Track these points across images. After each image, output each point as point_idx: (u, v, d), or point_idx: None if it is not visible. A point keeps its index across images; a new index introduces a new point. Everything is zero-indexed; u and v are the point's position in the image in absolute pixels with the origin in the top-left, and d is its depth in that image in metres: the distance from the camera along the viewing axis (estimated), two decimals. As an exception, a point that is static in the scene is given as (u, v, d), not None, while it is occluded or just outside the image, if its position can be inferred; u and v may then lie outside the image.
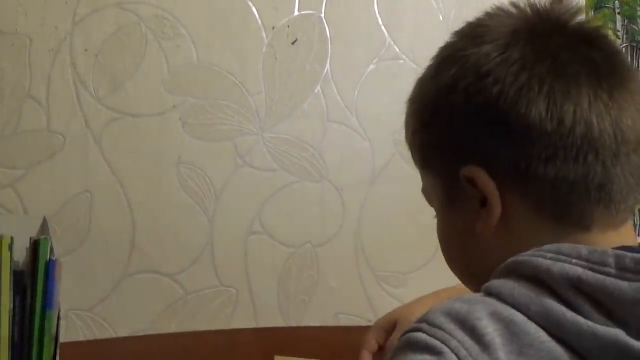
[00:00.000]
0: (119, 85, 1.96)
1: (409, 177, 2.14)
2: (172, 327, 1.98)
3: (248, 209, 2.06)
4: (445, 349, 0.71)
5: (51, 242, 1.55)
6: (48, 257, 1.50)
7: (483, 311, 0.73)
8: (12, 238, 1.47)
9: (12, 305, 1.47)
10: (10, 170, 1.87)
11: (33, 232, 1.62)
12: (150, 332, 1.96)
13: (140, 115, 1.97)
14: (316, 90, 2.10)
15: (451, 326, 0.73)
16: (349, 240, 2.13)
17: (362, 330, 2.07)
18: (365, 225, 2.15)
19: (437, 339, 0.72)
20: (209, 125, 2.02)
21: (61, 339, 1.72)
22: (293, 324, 2.08)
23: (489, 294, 0.78)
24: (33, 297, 1.49)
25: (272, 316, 2.07)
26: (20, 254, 1.54)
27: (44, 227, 1.72)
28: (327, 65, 2.11)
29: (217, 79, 2.03)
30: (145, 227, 1.97)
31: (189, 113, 2.00)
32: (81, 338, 1.90)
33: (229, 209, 2.03)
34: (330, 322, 2.11)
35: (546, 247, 0.79)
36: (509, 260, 0.80)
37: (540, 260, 0.77)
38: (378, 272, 2.16)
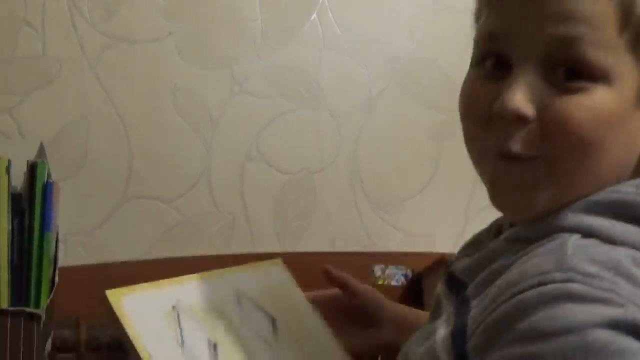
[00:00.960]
0: (114, 11, 1.94)
1: (405, 103, 2.17)
2: (170, 252, 2.00)
3: (245, 135, 2.06)
4: (622, 301, 0.66)
5: (48, 166, 1.56)
6: (45, 180, 1.51)
7: (628, 258, 0.70)
8: (9, 161, 1.48)
9: (10, 228, 1.48)
10: (7, 96, 1.87)
11: (30, 156, 1.62)
12: (148, 256, 1.98)
13: (136, 42, 1.96)
14: (312, 17, 2.09)
15: (610, 275, 0.68)
16: (345, 167, 2.14)
17: (357, 255, 2.11)
18: (362, 152, 2.15)
19: (605, 289, 0.67)
20: (205, 51, 2.01)
21: (60, 263, 1.74)
22: (289, 249, 2.10)
23: (589, 235, 0.74)
24: (31, 220, 1.50)
25: (268, 242, 2.09)
26: (18, 178, 1.54)
27: (42, 151, 1.72)
28: (324, -8, 2.10)
29: (213, 5, 2.02)
30: (142, 153, 1.98)
31: (185, 39, 1.99)
32: (80, 262, 1.91)
33: (226, 135, 2.04)
34: (326, 247, 2.13)
35: None
36: (605, 197, 0.76)
37: None
38: (374, 199, 2.17)
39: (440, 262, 1.99)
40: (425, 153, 2.19)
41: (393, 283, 2.14)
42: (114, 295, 0.88)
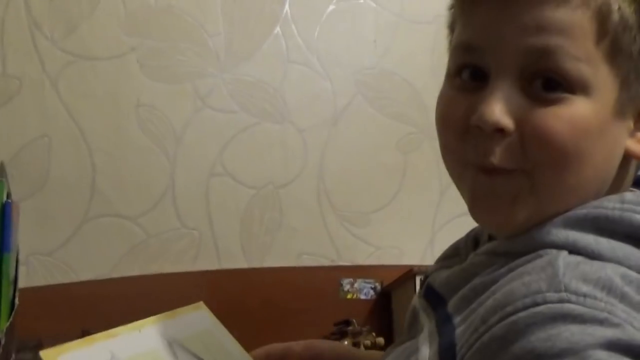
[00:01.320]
0: (75, 28, 1.93)
1: (370, 116, 2.16)
2: (135, 270, 1.97)
3: (209, 151, 2.04)
4: (618, 320, 0.64)
5: (8, 186, 1.53)
6: (4, 200, 1.48)
7: (617, 276, 0.68)
8: (-33, 181, 1.45)
9: (-32, 249, 1.45)
10: (-34, 115, 1.85)
11: (-10, 176, 1.59)
12: (113, 275, 1.95)
13: (97, 59, 1.95)
14: (276, 31, 2.08)
15: (603, 295, 0.66)
16: (311, 181, 2.12)
17: (325, 270, 2.09)
18: (327, 166, 2.14)
19: (600, 309, 0.65)
20: (167, 67, 2.00)
21: (22, 285, 1.70)
22: (256, 265, 2.07)
23: (576, 251, 0.72)
24: (-10, 240, 1.47)
25: (235, 258, 2.06)
26: (-23, 198, 1.51)
27: (1, 171, 1.69)
28: (287, 6, 2.09)
29: (175, 20, 2.00)
30: (105, 171, 1.95)
31: (147, 55, 1.98)
32: (42, 282, 1.88)
33: (190, 151, 2.02)
34: (293, 262, 2.11)
35: (629, 197, 0.75)
36: (589, 212, 0.74)
37: (638, 217, 0.73)
38: (341, 212, 2.15)
39: (409, 275, 1.97)
40: (392, 166, 2.17)
41: (362, 297, 2.12)
42: (48, 356, 0.86)
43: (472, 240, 0.92)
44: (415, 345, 0.80)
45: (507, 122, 0.73)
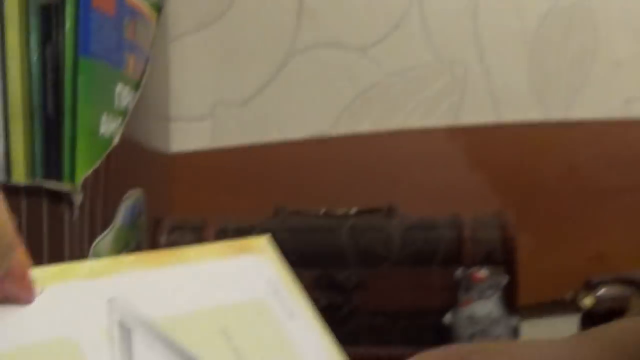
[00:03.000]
0: None
1: None
2: (365, 124, 1.36)
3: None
4: None
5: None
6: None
7: None
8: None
9: (28, 52, 0.89)
10: None
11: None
12: (332, 132, 1.35)
13: None
14: None
15: None
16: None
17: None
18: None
19: None
20: None
21: (195, 146, 1.19)
22: (556, 117, 1.38)
23: None
24: (60, 38, 0.91)
25: (523, 106, 1.39)
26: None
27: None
28: None
29: None
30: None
31: None
32: (225, 143, 1.33)
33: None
34: (617, 112, 1.39)
35: None
36: None
37: None
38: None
39: None
40: None
41: None
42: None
43: None
44: None
45: None
